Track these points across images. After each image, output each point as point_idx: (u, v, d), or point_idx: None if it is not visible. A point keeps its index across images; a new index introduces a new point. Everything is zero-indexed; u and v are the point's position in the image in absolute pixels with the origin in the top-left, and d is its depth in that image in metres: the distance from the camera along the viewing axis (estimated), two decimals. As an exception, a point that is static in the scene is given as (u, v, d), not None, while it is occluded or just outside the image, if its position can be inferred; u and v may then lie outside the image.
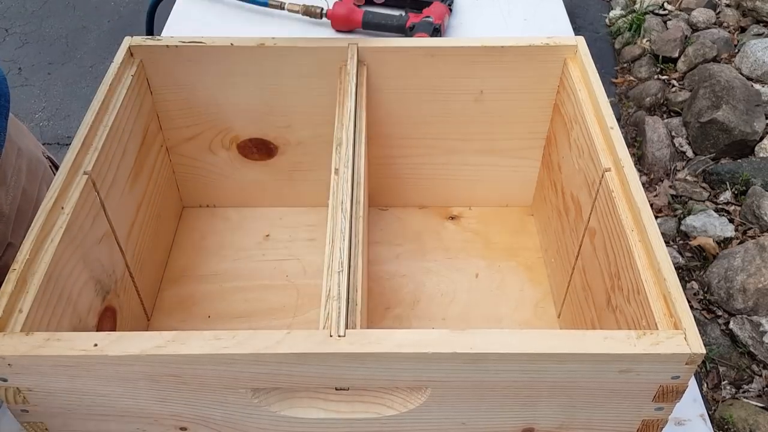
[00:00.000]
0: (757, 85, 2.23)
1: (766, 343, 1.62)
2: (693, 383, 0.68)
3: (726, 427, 1.52)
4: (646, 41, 2.56)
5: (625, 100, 2.42)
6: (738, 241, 1.86)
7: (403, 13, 1.14)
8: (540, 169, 0.86)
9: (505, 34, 1.15)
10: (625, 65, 2.57)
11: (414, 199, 0.91)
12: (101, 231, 0.65)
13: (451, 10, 1.17)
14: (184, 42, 0.75)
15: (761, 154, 2.06)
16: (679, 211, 1.98)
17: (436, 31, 1.09)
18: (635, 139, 2.22)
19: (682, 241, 1.91)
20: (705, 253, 1.86)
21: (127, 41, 0.75)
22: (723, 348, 1.66)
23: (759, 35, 2.40)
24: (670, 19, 2.59)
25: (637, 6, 2.71)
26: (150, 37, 0.76)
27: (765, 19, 2.47)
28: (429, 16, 1.11)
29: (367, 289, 0.72)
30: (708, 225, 1.90)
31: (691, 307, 0.65)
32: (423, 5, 1.16)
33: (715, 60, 2.37)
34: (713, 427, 0.87)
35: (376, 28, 1.13)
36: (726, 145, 2.08)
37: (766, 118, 2.11)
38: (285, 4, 1.15)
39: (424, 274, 0.84)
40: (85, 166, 0.63)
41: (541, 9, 1.22)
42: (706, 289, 1.78)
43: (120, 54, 0.74)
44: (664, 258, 0.55)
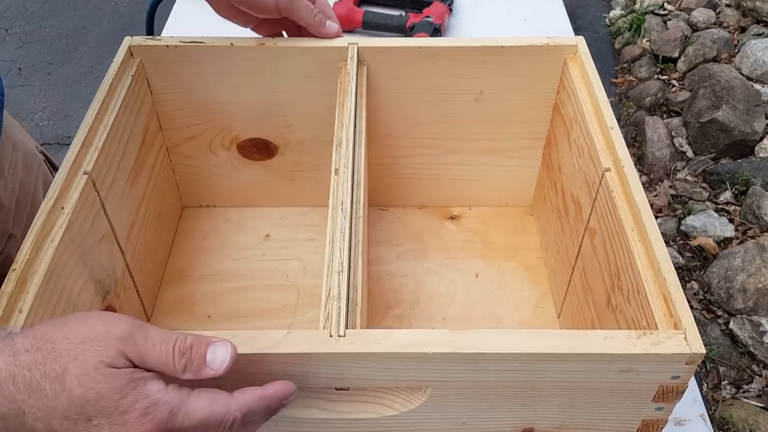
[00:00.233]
0: (757, 85, 2.23)
1: (766, 343, 1.62)
2: (693, 383, 0.68)
3: (726, 427, 1.52)
4: (646, 41, 2.56)
5: (625, 100, 2.42)
6: (738, 241, 1.86)
7: (403, 13, 1.14)
8: (540, 169, 0.86)
9: (505, 34, 1.15)
10: (625, 65, 2.57)
11: (414, 199, 0.91)
12: (101, 231, 0.65)
13: (451, 10, 1.17)
14: (184, 42, 0.75)
15: (761, 154, 2.06)
16: (679, 211, 1.98)
17: (436, 31, 1.09)
18: (635, 139, 2.22)
19: (682, 241, 1.91)
20: (705, 253, 1.86)
21: (127, 41, 0.75)
22: (723, 348, 1.66)
23: (759, 35, 2.40)
24: (670, 19, 2.59)
25: (637, 6, 2.71)
26: (150, 37, 0.76)
27: (765, 19, 2.47)
28: (429, 16, 1.11)
29: (367, 289, 0.72)
30: (708, 225, 1.90)
31: (691, 307, 0.65)
32: (423, 5, 1.16)
33: (715, 60, 2.37)
34: (713, 427, 0.87)
35: (376, 28, 1.13)
36: (726, 145, 2.08)
37: (766, 118, 2.11)
38: (285, 4, 1.15)
39: (424, 274, 0.84)
40: (85, 166, 0.63)
41: (541, 9, 1.22)
42: (706, 289, 1.78)
43: (120, 54, 0.74)
44: (664, 258, 0.55)
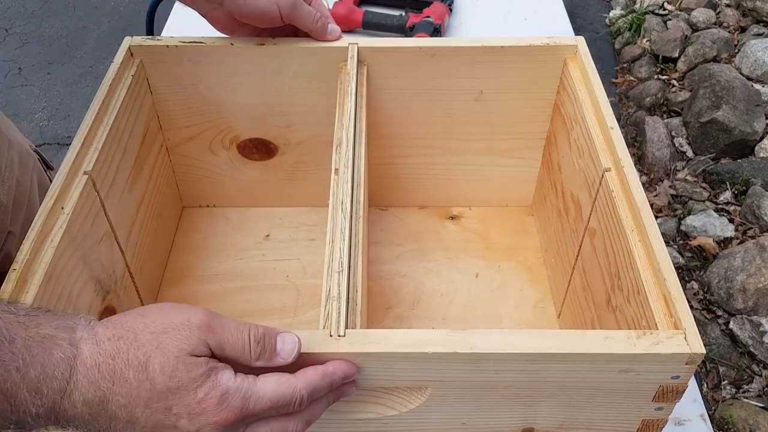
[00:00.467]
0: (757, 85, 2.23)
1: (766, 343, 1.62)
2: (693, 383, 0.68)
3: (726, 427, 1.52)
4: (646, 41, 2.56)
5: (625, 100, 2.42)
6: (738, 241, 1.86)
7: (403, 13, 1.14)
8: (540, 169, 0.86)
9: (505, 34, 1.15)
10: (625, 65, 2.57)
11: (414, 199, 0.91)
12: (101, 231, 0.65)
13: (451, 10, 1.17)
14: (184, 42, 0.75)
15: (761, 154, 2.06)
16: (679, 211, 1.98)
17: (436, 31, 1.09)
18: (635, 139, 2.22)
19: (682, 241, 1.91)
20: (705, 253, 1.86)
21: (127, 41, 0.75)
22: (723, 348, 1.66)
23: (759, 35, 2.40)
24: (670, 19, 2.59)
25: (637, 6, 2.71)
26: (150, 37, 0.76)
27: (765, 19, 2.47)
28: (429, 16, 1.11)
29: (367, 289, 0.72)
30: (708, 225, 1.90)
31: (691, 307, 0.65)
32: (423, 5, 1.16)
33: (715, 60, 2.37)
34: (713, 427, 0.87)
35: (376, 28, 1.13)
36: (726, 145, 2.08)
37: (766, 118, 2.11)
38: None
39: (424, 274, 0.84)
40: (85, 166, 0.63)
41: (541, 9, 1.22)
42: (706, 289, 1.78)
43: (120, 54, 0.74)
44: (664, 258, 0.55)
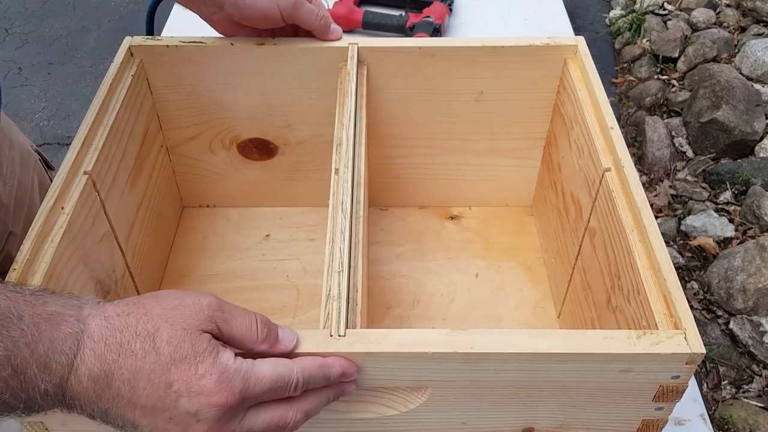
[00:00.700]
0: (757, 85, 2.23)
1: (766, 343, 1.62)
2: (693, 383, 0.68)
3: (726, 427, 1.52)
4: (646, 41, 2.56)
5: (625, 100, 2.42)
6: (738, 241, 1.86)
7: (403, 13, 1.14)
8: (540, 169, 0.86)
9: (505, 34, 1.15)
10: (625, 65, 2.57)
11: (414, 199, 0.91)
12: (101, 231, 0.65)
13: (451, 10, 1.17)
14: (184, 42, 0.75)
15: (761, 154, 2.06)
16: (679, 211, 1.98)
17: (436, 31, 1.09)
18: (635, 139, 2.22)
19: (682, 241, 1.91)
20: (705, 253, 1.86)
21: (127, 41, 0.75)
22: (723, 348, 1.66)
23: (759, 35, 2.40)
24: (670, 19, 2.59)
25: (637, 6, 2.71)
26: (150, 37, 0.76)
27: (765, 19, 2.47)
28: (429, 16, 1.11)
29: (367, 289, 0.72)
30: (708, 225, 1.90)
31: (691, 307, 0.65)
32: (423, 5, 1.16)
33: (715, 60, 2.37)
34: (713, 427, 0.87)
35: (376, 28, 1.13)
36: (726, 145, 2.08)
37: (766, 118, 2.11)
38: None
39: (424, 274, 0.84)
40: (85, 166, 0.63)
41: (541, 9, 1.22)
42: (706, 289, 1.78)
43: (120, 54, 0.74)
44: (664, 258, 0.55)
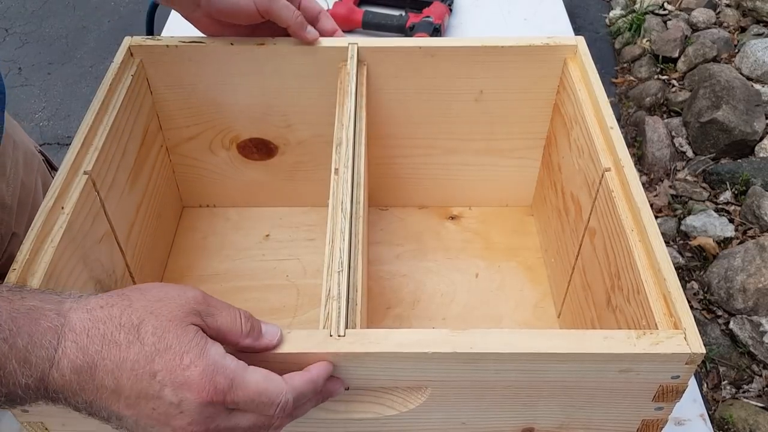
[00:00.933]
0: (757, 85, 2.23)
1: (766, 343, 1.62)
2: (693, 383, 0.68)
3: (726, 427, 1.52)
4: (646, 41, 2.56)
5: (625, 100, 2.42)
6: (738, 241, 1.86)
7: (403, 13, 1.14)
8: (540, 169, 0.86)
9: (505, 34, 1.15)
10: (625, 65, 2.57)
11: (414, 199, 0.91)
12: (101, 231, 0.65)
13: (451, 10, 1.17)
14: (184, 42, 0.75)
15: (761, 154, 2.06)
16: (679, 211, 1.98)
17: (436, 31, 1.09)
18: (635, 139, 2.22)
19: (682, 241, 1.91)
20: (705, 253, 1.86)
21: (127, 41, 0.75)
22: (723, 348, 1.66)
23: (759, 35, 2.40)
24: (670, 19, 2.59)
25: (637, 6, 2.71)
26: (150, 37, 0.76)
27: (765, 19, 2.47)
28: (429, 16, 1.11)
29: (367, 289, 0.72)
30: (708, 225, 1.90)
31: (691, 307, 0.65)
32: (423, 5, 1.16)
33: (715, 60, 2.37)
34: (713, 427, 0.88)
35: (376, 28, 1.13)
36: (726, 145, 2.08)
37: (766, 118, 2.11)
38: (285, 4, 1.15)
39: (424, 274, 0.84)
40: (85, 166, 0.63)
41: (541, 9, 1.22)
42: (706, 289, 1.78)
43: (120, 54, 0.74)
44: (664, 258, 0.55)
